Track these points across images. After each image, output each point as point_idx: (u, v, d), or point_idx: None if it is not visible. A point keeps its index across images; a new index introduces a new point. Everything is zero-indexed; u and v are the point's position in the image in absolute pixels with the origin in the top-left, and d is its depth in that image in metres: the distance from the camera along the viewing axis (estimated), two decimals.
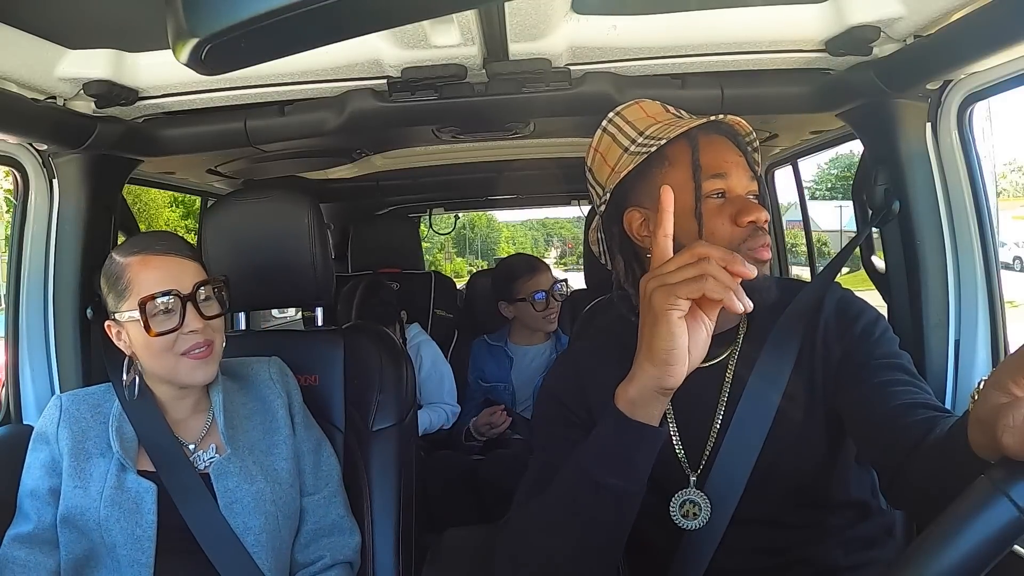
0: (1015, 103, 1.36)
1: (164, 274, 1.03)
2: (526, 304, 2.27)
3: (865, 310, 0.93)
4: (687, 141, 0.88)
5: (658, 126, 0.91)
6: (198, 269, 1.07)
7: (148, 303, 1.01)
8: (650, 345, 0.71)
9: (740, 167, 0.89)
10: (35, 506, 1.02)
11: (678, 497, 0.89)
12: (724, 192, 0.88)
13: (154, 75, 1.13)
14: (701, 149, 0.88)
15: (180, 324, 1.02)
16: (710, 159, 0.88)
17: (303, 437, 1.15)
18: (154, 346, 1.02)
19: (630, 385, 0.74)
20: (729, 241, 0.86)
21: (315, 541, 1.13)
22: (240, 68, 0.49)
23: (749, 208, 0.86)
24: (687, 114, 0.96)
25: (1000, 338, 1.15)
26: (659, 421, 0.75)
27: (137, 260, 1.04)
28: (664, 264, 0.71)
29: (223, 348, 1.09)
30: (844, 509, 0.91)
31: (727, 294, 0.66)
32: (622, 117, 0.94)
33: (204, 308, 1.04)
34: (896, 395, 0.82)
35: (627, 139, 0.92)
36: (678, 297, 0.68)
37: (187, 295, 1.03)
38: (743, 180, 0.89)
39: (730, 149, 0.90)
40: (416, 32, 0.99)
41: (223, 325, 1.09)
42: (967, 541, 0.48)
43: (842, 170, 18.43)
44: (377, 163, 2.17)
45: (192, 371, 1.04)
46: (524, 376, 2.28)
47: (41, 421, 1.07)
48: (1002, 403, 0.52)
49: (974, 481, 0.51)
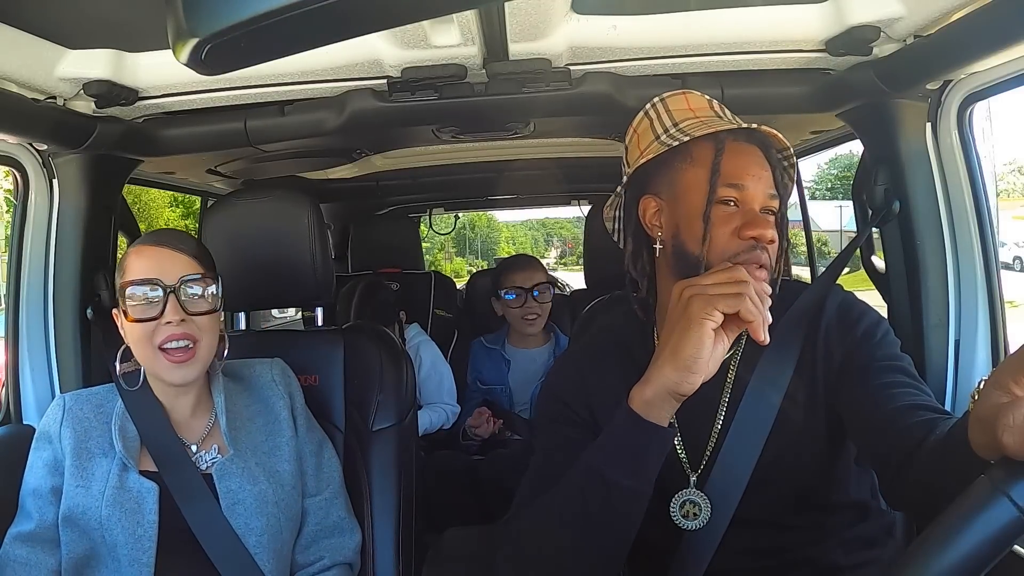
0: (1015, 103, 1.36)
1: (151, 264, 1.03)
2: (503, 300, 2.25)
3: (867, 313, 0.93)
4: (714, 143, 0.87)
5: (694, 121, 0.90)
6: (189, 263, 1.05)
7: (128, 287, 1.02)
8: (676, 349, 0.73)
9: (761, 181, 0.87)
10: (37, 505, 1.02)
11: (678, 497, 0.89)
12: (737, 201, 0.87)
13: (154, 75, 1.13)
14: (726, 154, 0.87)
15: (159, 315, 1.01)
16: (731, 166, 0.87)
17: (305, 439, 1.15)
18: (135, 333, 1.03)
19: (646, 387, 0.75)
20: (724, 251, 0.85)
21: (316, 542, 1.13)
22: (240, 68, 0.49)
23: (755, 223, 0.85)
24: (731, 115, 0.94)
25: (1000, 338, 1.15)
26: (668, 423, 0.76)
27: (135, 250, 1.06)
28: (703, 276, 0.75)
29: (213, 350, 1.07)
30: (844, 510, 0.91)
31: (759, 318, 0.72)
32: (664, 104, 0.94)
33: (188, 303, 1.03)
34: (896, 397, 0.82)
35: (661, 127, 0.92)
36: (716, 308, 0.72)
37: (170, 286, 1.02)
38: (761, 194, 0.87)
39: (757, 161, 0.89)
40: (416, 32, 0.99)
41: (214, 327, 1.06)
42: (967, 541, 0.49)
43: (842, 170, 18.43)
44: (377, 163, 2.17)
45: (169, 370, 1.03)
46: (521, 379, 2.26)
47: (44, 421, 1.07)
48: (1002, 403, 0.52)
49: (974, 481, 0.51)
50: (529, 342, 2.28)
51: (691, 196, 0.88)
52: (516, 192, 3.22)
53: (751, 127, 0.87)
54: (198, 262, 1.07)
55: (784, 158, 0.92)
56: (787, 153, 0.91)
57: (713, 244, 0.86)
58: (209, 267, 1.08)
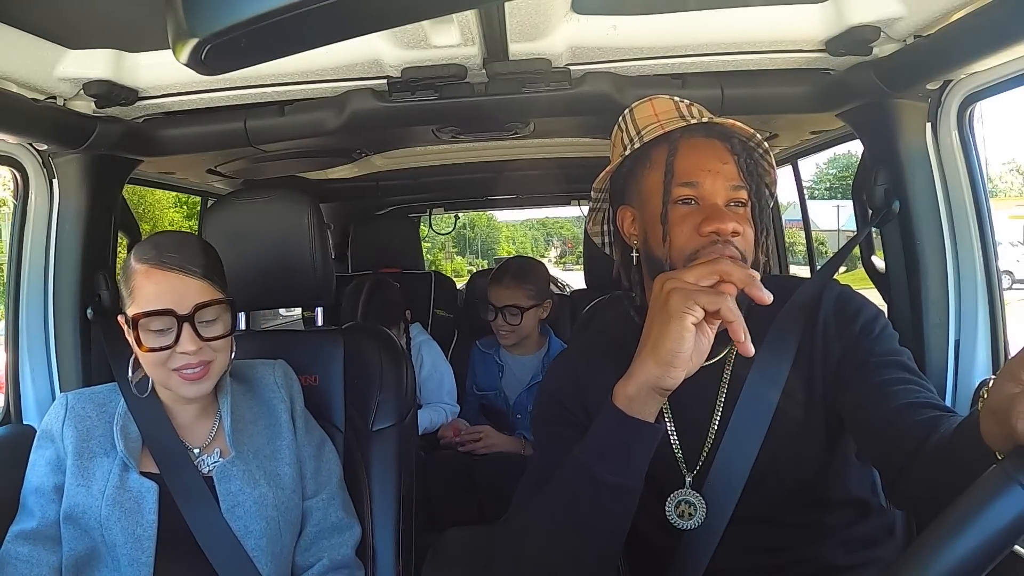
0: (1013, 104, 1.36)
1: (163, 290, 1.00)
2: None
3: (864, 307, 0.92)
4: (667, 144, 0.88)
5: (654, 126, 0.90)
6: (203, 288, 1.02)
7: (141, 320, 0.99)
8: (657, 344, 0.72)
9: (720, 174, 0.87)
10: (39, 503, 1.02)
11: (673, 497, 0.89)
12: (696, 199, 0.87)
13: (154, 75, 1.13)
14: (680, 153, 0.87)
15: (175, 343, 0.99)
16: (685, 164, 0.87)
17: (304, 441, 1.15)
18: (148, 359, 1.01)
19: (629, 382, 0.75)
20: (685, 249, 0.85)
21: (316, 543, 1.13)
22: (240, 68, 0.49)
23: (713, 217, 0.84)
24: (699, 112, 0.93)
25: (1000, 338, 1.15)
26: (655, 418, 0.76)
27: (143, 269, 1.01)
28: (685, 270, 0.73)
29: (227, 364, 1.06)
30: (844, 508, 0.91)
31: (739, 320, 0.70)
32: (632, 113, 0.95)
33: (204, 329, 1.01)
34: (897, 395, 0.81)
35: (628, 137, 0.93)
36: (696, 303, 0.70)
37: (184, 315, 0.99)
38: (721, 187, 0.86)
39: (715, 155, 0.88)
40: (416, 32, 0.99)
41: (227, 345, 1.05)
42: (980, 530, 0.48)
43: (840, 170, 18.44)
44: (377, 163, 2.17)
45: (182, 386, 1.02)
46: (515, 384, 2.23)
47: (46, 419, 1.07)
48: (1016, 392, 0.52)
49: (987, 471, 0.50)
50: (523, 348, 2.24)
51: (653, 200, 0.89)
52: (516, 192, 3.22)
53: (704, 121, 0.87)
54: (211, 284, 1.03)
55: (756, 145, 0.90)
56: (755, 140, 0.89)
57: (673, 244, 0.86)
58: (221, 284, 1.05)
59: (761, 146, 0.90)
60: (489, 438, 2.07)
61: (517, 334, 2.18)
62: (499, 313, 2.16)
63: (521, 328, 2.17)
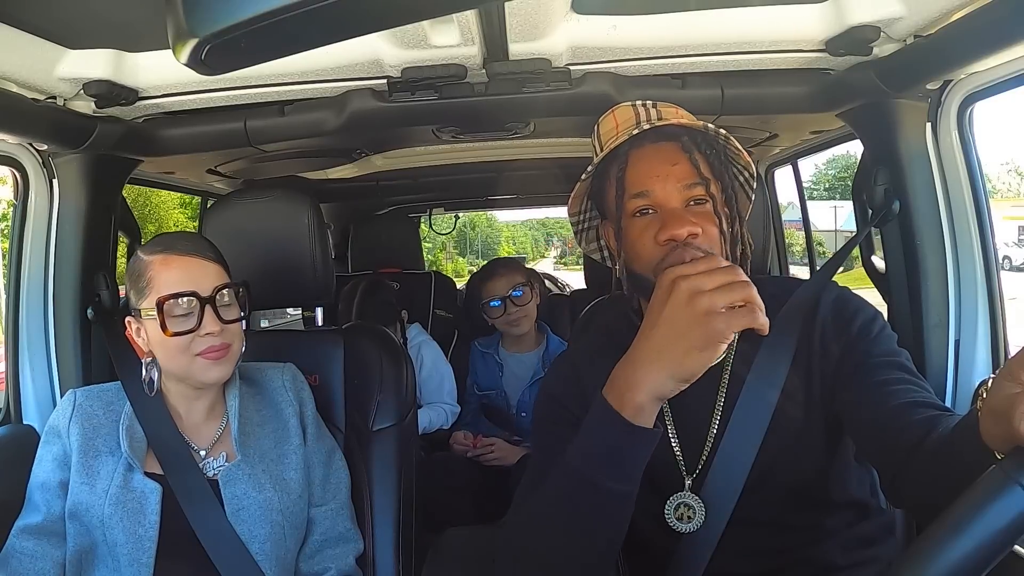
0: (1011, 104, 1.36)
1: (184, 275, 1.02)
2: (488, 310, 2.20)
3: (862, 308, 0.92)
4: (616, 160, 0.88)
5: (614, 140, 0.89)
6: (219, 272, 1.06)
7: (166, 303, 1.01)
8: (682, 361, 0.70)
9: (671, 177, 0.85)
10: (45, 498, 1.02)
11: (673, 500, 0.89)
12: (652, 207, 0.86)
13: (154, 75, 1.13)
14: (629, 164, 0.87)
15: (197, 326, 1.01)
16: (634, 176, 0.86)
17: (314, 448, 1.15)
18: (170, 345, 1.02)
19: (638, 391, 0.72)
20: (648, 260, 0.85)
21: (321, 552, 1.13)
22: (240, 68, 0.49)
23: (666, 224, 0.83)
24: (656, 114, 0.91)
25: (1000, 338, 1.15)
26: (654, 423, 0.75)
27: (159, 259, 1.03)
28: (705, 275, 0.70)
29: (242, 351, 1.08)
30: (843, 508, 0.91)
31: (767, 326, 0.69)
32: (598, 128, 0.96)
33: (223, 312, 1.03)
34: (895, 394, 0.81)
35: (595, 154, 0.93)
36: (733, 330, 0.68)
37: (206, 297, 1.02)
38: (673, 191, 0.85)
39: (664, 158, 0.86)
40: (416, 32, 0.99)
41: (241, 331, 1.07)
42: (979, 530, 0.48)
43: (839, 170, 18.43)
44: (377, 163, 2.17)
45: (206, 369, 1.03)
46: (515, 383, 2.23)
47: (54, 416, 1.07)
48: (1016, 392, 0.52)
49: (986, 471, 0.50)
50: (522, 346, 2.25)
51: (612, 216, 0.89)
52: (516, 192, 3.22)
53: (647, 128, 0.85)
54: (224, 269, 1.07)
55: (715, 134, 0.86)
56: (713, 130, 0.86)
57: (638, 257, 0.86)
58: (229, 272, 1.08)
59: (720, 133, 0.87)
60: (500, 450, 2.08)
61: (528, 316, 2.18)
62: (505, 301, 2.16)
63: (530, 308, 2.18)
